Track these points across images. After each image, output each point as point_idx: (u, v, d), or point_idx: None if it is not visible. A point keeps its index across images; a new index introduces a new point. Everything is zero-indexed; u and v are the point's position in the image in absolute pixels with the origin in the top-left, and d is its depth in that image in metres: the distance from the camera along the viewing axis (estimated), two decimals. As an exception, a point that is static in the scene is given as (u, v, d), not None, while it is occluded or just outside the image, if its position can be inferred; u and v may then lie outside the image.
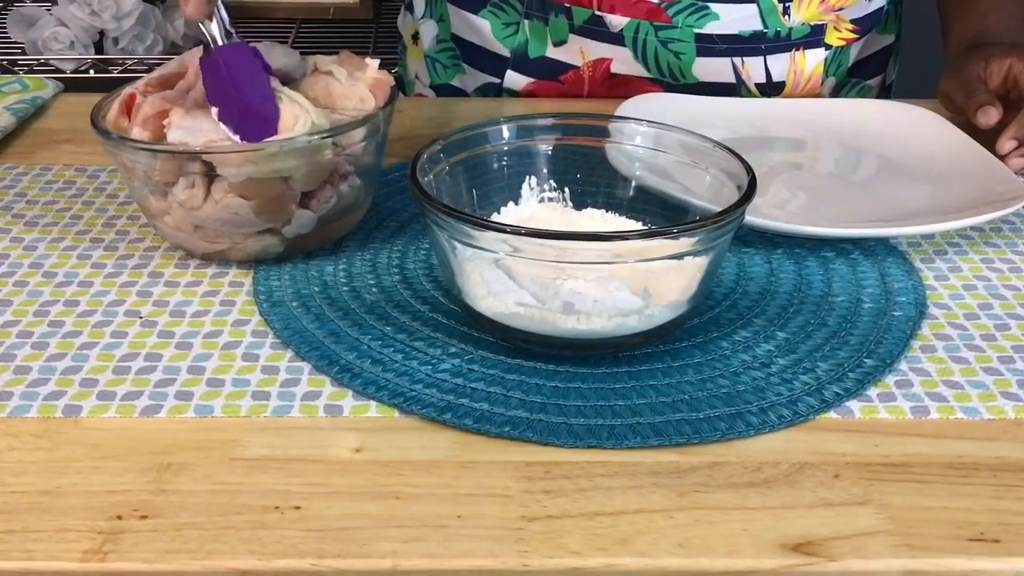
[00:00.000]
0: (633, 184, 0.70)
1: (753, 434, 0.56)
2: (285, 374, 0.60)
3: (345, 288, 0.68)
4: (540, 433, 0.55)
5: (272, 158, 0.64)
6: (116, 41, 1.47)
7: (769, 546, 0.48)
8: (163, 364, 0.60)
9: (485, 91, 1.05)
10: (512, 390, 0.58)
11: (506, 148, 0.69)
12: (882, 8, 1.03)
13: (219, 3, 0.64)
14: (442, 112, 1.00)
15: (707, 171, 0.66)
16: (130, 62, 1.47)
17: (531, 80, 1.01)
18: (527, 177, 0.70)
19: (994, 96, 0.88)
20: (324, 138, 0.66)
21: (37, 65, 1.45)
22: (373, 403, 0.57)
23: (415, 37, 1.10)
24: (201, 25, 0.65)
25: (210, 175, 0.66)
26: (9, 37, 1.48)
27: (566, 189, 0.71)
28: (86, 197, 0.80)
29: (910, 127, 0.89)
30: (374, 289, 0.68)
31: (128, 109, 0.69)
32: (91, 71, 1.46)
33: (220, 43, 0.66)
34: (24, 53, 1.46)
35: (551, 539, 0.49)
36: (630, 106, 0.86)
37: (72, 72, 1.44)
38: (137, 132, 0.66)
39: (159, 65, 0.79)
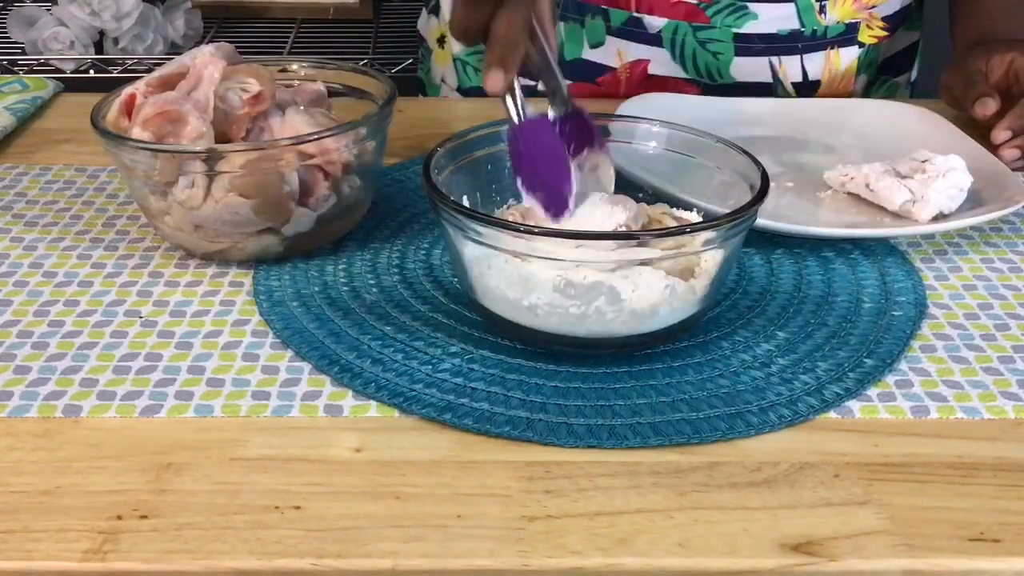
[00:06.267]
0: (635, 184, 0.70)
1: (753, 434, 0.56)
2: (285, 374, 0.60)
3: (345, 288, 0.68)
4: (540, 433, 0.55)
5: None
6: (116, 41, 1.47)
7: (769, 546, 0.48)
8: (163, 364, 0.60)
9: None
10: (512, 390, 0.58)
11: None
12: (909, 5, 1.03)
13: (516, 80, 0.63)
14: (442, 112, 1.00)
15: (713, 170, 0.66)
16: (130, 62, 1.47)
17: (567, 83, 1.00)
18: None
19: (994, 89, 0.88)
20: (322, 137, 0.66)
21: (37, 65, 1.45)
22: (373, 403, 0.57)
23: (441, 40, 1.08)
24: (504, 100, 0.63)
25: (210, 175, 0.66)
26: (9, 37, 1.48)
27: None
28: (86, 197, 0.80)
29: (910, 127, 0.88)
30: (374, 289, 0.68)
31: (128, 109, 0.69)
32: (91, 71, 1.46)
33: (516, 120, 0.64)
34: (24, 53, 1.46)
35: (551, 539, 0.49)
36: (631, 106, 0.86)
37: (72, 72, 1.44)
38: (137, 132, 0.66)
39: (159, 65, 0.79)
